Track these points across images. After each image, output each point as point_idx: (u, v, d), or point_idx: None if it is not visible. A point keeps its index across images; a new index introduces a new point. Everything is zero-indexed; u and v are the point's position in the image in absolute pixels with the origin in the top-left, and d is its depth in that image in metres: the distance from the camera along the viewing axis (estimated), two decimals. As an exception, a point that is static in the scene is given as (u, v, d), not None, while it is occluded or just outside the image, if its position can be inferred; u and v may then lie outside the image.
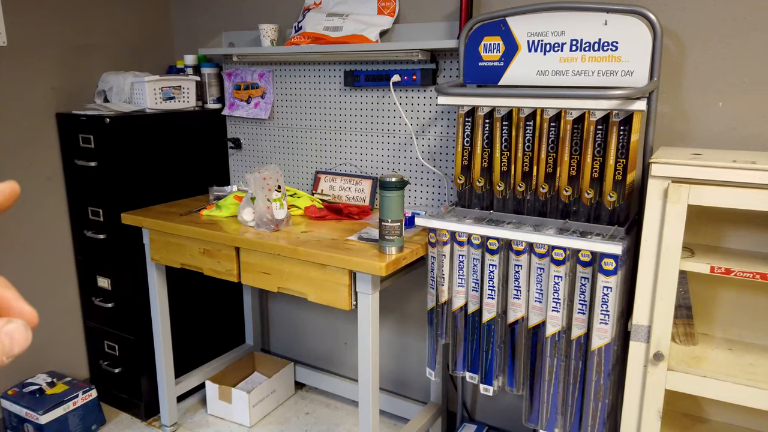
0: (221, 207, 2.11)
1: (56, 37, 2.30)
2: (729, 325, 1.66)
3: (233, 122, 2.59)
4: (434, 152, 2.09)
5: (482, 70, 1.77)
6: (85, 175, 2.28)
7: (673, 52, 1.66)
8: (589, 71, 1.61)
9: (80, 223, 2.37)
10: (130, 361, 2.36)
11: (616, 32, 1.56)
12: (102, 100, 2.41)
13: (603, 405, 1.58)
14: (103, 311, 2.39)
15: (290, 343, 2.75)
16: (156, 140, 2.30)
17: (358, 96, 2.22)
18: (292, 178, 2.48)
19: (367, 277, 1.68)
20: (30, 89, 2.24)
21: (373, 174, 2.25)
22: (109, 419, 2.42)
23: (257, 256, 1.87)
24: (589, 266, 1.52)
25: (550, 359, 1.63)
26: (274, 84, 2.42)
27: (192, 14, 2.67)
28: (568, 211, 1.68)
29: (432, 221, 1.73)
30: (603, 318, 1.51)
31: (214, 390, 2.42)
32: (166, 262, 2.11)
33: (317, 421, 2.43)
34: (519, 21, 1.69)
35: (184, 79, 2.40)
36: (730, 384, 1.40)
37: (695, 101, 1.65)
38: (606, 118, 1.57)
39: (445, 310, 1.81)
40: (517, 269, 1.64)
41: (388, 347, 2.44)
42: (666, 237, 1.38)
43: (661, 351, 1.44)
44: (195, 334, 2.56)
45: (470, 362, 1.80)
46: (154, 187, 2.32)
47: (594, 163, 1.60)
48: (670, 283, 1.40)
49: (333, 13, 2.19)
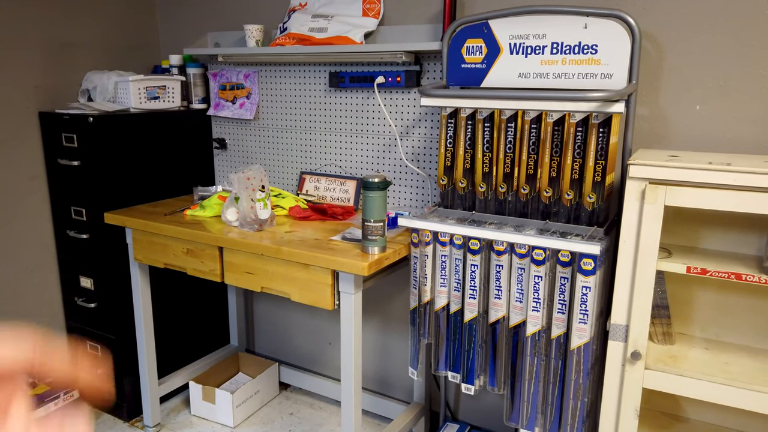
0: (205, 207, 2.11)
1: (40, 35, 2.29)
2: (706, 324, 1.69)
3: (218, 122, 2.59)
4: (418, 153, 2.10)
5: (465, 72, 1.79)
6: (68, 175, 2.27)
7: (652, 56, 1.68)
8: (569, 74, 1.64)
9: (63, 223, 2.36)
10: (112, 361, 2.34)
11: (595, 35, 1.59)
12: (86, 99, 2.40)
13: (582, 404, 1.59)
14: (86, 311, 2.38)
15: (275, 343, 2.75)
16: (140, 140, 2.29)
17: (342, 97, 2.23)
18: (276, 178, 2.48)
19: (350, 276, 1.68)
20: (13, 87, 2.22)
21: (357, 175, 2.26)
22: (92, 420, 2.41)
23: (241, 256, 1.87)
24: (569, 266, 1.54)
25: (531, 358, 1.65)
26: (259, 84, 2.42)
27: (177, 14, 2.66)
28: (548, 212, 1.70)
29: (415, 221, 1.75)
30: (582, 317, 1.53)
31: (198, 390, 2.41)
32: (150, 262, 2.11)
33: (301, 421, 2.43)
34: (501, 24, 1.71)
35: (169, 78, 2.40)
36: (707, 383, 1.43)
37: (673, 104, 1.68)
38: (586, 120, 1.59)
39: (428, 309, 1.82)
40: (499, 269, 1.66)
41: (371, 347, 2.44)
42: (643, 237, 1.40)
43: (639, 350, 1.46)
44: (179, 335, 2.55)
45: (452, 362, 1.81)
46: (138, 187, 2.31)
47: (574, 164, 1.63)
48: (647, 283, 1.42)
49: (318, 15, 2.20)
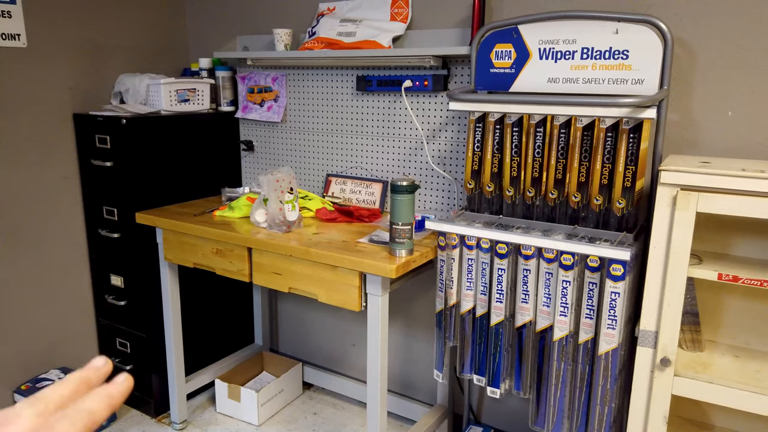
0: (234, 208, 2.14)
1: (74, 39, 2.35)
2: (736, 332, 1.67)
3: (246, 125, 2.63)
4: (444, 157, 2.12)
5: (493, 77, 1.80)
6: (100, 175, 2.32)
7: (683, 61, 1.67)
8: (599, 79, 1.63)
9: (95, 222, 2.41)
10: (141, 358, 2.39)
11: (626, 41, 1.58)
12: (118, 102, 2.45)
13: (609, 409, 1.59)
14: (116, 309, 2.43)
15: (299, 343, 2.78)
16: (170, 141, 2.34)
17: (370, 100, 2.25)
18: (303, 180, 2.51)
19: (378, 279, 1.70)
20: (48, 89, 2.29)
21: (383, 177, 2.28)
22: (120, 416, 2.46)
23: (269, 257, 1.90)
24: (598, 271, 1.54)
25: (558, 363, 1.65)
26: (287, 88, 2.46)
27: (207, 18, 2.71)
28: (576, 216, 1.70)
29: (442, 225, 1.76)
30: (610, 323, 1.53)
31: (224, 388, 2.45)
32: (179, 262, 2.15)
33: (324, 421, 2.45)
34: (531, 29, 1.71)
35: (198, 81, 2.44)
36: (737, 390, 1.42)
37: (705, 110, 1.67)
38: (616, 126, 1.59)
39: (454, 313, 1.83)
40: (526, 273, 1.66)
41: (396, 349, 2.46)
42: (674, 244, 1.40)
43: (668, 357, 1.45)
44: (205, 333, 2.59)
45: (477, 365, 1.82)
46: (168, 188, 2.36)
47: (603, 169, 1.62)
48: (677, 290, 1.42)
49: (346, 19, 2.22)
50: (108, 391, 0.41)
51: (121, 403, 0.42)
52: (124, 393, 0.42)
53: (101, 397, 0.41)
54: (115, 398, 0.41)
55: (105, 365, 0.44)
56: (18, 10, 2.15)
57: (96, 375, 0.43)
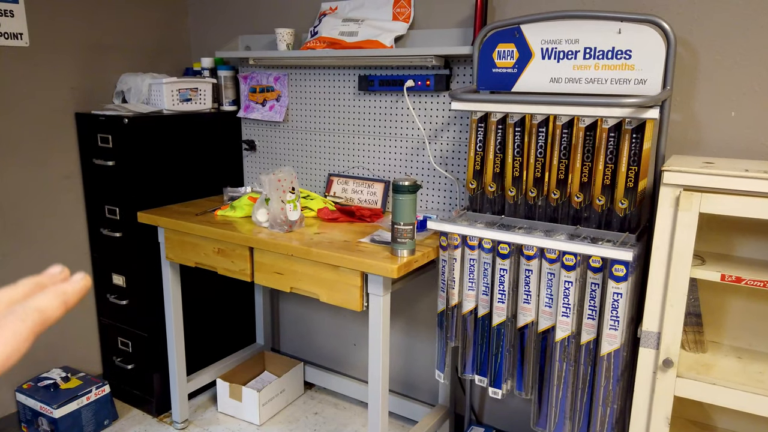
0: (236, 207, 2.14)
1: (76, 39, 2.35)
2: (739, 333, 1.67)
3: (248, 124, 2.63)
4: (446, 157, 2.11)
5: (496, 77, 1.79)
6: (102, 174, 2.32)
7: (686, 61, 1.67)
8: (602, 79, 1.63)
9: (97, 221, 2.41)
10: (142, 357, 2.39)
11: (629, 41, 1.58)
12: (120, 101, 2.45)
13: (611, 410, 1.59)
14: (118, 308, 2.43)
15: (300, 343, 2.78)
16: (172, 141, 2.34)
17: (372, 100, 2.25)
18: (305, 180, 2.51)
19: (379, 278, 1.70)
20: (50, 89, 2.29)
21: (385, 177, 2.28)
22: (121, 415, 2.46)
23: (271, 257, 1.89)
24: (600, 272, 1.54)
25: (560, 364, 1.64)
26: (289, 87, 2.46)
27: (209, 17, 2.71)
28: (579, 217, 1.69)
29: (444, 225, 1.75)
30: (613, 324, 1.52)
31: (225, 388, 2.45)
32: (181, 261, 2.15)
33: (326, 421, 2.45)
34: (533, 28, 1.71)
35: (200, 81, 2.44)
36: (739, 392, 1.41)
37: (708, 110, 1.66)
38: (618, 126, 1.59)
39: (455, 313, 1.83)
40: (528, 274, 1.66)
41: (397, 349, 2.45)
42: (677, 244, 1.39)
43: (671, 358, 1.45)
44: (207, 333, 2.59)
45: (479, 365, 1.82)
46: (170, 187, 2.36)
47: (606, 170, 1.62)
48: (680, 291, 1.41)
49: (349, 19, 2.22)
50: (62, 288, 0.40)
51: (76, 301, 0.40)
52: (79, 291, 0.40)
53: (54, 295, 0.39)
54: (69, 296, 0.40)
55: (62, 272, 0.42)
56: (20, 9, 2.15)
57: (51, 281, 0.41)
